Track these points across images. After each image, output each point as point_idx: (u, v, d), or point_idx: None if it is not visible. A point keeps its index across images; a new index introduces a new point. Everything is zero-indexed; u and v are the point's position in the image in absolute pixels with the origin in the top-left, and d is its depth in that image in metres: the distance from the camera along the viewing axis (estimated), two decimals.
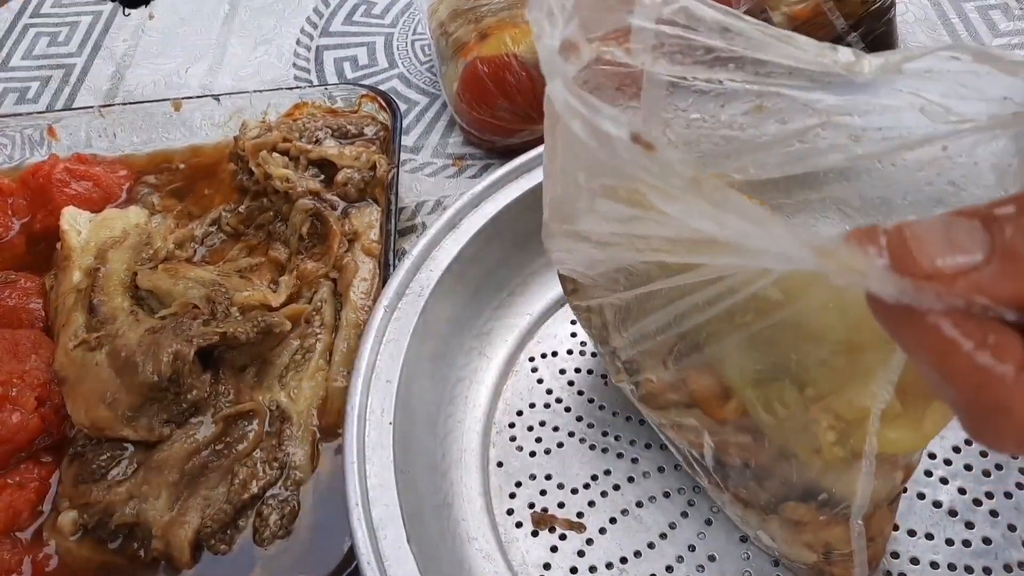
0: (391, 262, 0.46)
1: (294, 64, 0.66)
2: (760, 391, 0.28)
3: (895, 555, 0.34)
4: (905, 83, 0.25)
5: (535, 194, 0.42)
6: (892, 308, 0.17)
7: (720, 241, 0.19)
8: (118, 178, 0.53)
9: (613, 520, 0.37)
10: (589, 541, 0.36)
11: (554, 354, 0.43)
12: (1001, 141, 0.24)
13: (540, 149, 0.43)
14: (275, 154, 0.50)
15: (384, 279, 0.45)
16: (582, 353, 0.43)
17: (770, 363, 0.27)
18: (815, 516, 0.29)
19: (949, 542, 0.35)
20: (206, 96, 0.56)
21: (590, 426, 0.40)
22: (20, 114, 0.58)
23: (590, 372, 0.42)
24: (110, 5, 0.73)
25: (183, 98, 0.56)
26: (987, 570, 0.34)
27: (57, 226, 0.48)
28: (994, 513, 0.35)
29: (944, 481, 0.36)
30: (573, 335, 0.43)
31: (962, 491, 0.36)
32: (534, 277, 0.44)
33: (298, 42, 0.68)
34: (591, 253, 0.27)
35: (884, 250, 0.17)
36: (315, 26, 0.69)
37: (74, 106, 0.64)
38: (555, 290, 0.44)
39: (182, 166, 0.54)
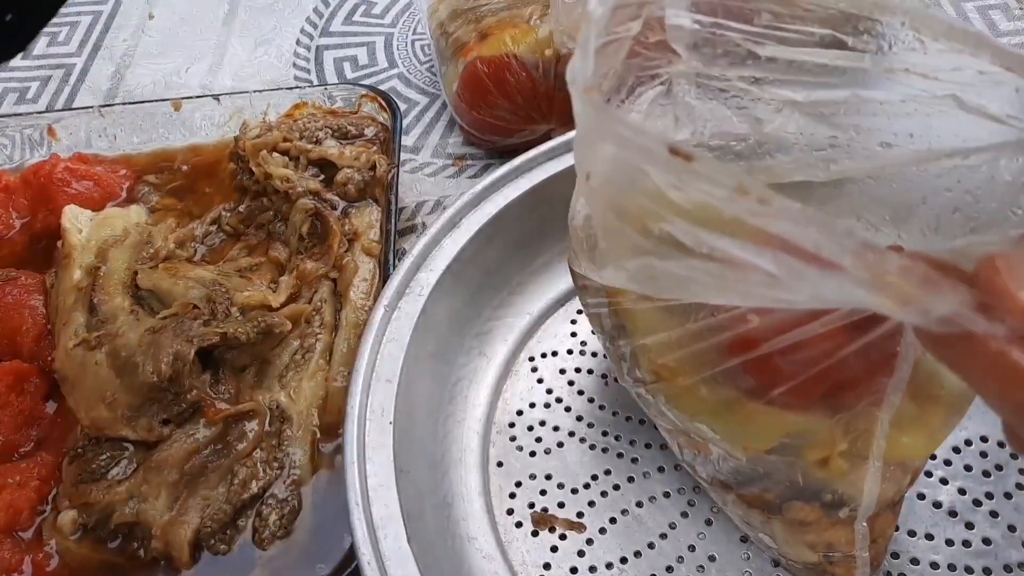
0: (391, 262, 0.46)
1: (294, 64, 0.66)
2: None
3: (895, 555, 0.34)
4: (937, 86, 0.25)
5: (535, 194, 0.42)
6: (947, 339, 0.16)
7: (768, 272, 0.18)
8: (119, 177, 0.53)
9: (613, 520, 0.37)
10: (589, 541, 0.36)
11: (554, 354, 0.43)
12: (1019, 160, 0.24)
13: (540, 149, 0.43)
14: (275, 154, 0.50)
15: (384, 279, 0.45)
16: (582, 353, 0.43)
17: None
18: (820, 517, 0.29)
19: (949, 542, 0.35)
20: (206, 96, 0.56)
21: (590, 426, 0.40)
22: (20, 114, 0.58)
23: (590, 372, 0.42)
24: (110, 5, 0.73)
25: (183, 98, 0.56)
26: (987, 570, 0.34)
27: (58, 225, 0.48)
28: (994, 514, 0.35)
29: (944, 482, 0.36)
30: (573, 335, 0.43)
31: (962, 492, 0.36)
32: (534, 277, 0.44)
33: (298, 42, 0.68)
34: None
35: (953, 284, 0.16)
36: (315, 26, 0.69)
37: (74, 106, 0.64)
38: (555, 290, 0.44)
39: (185, 167, 0.54)
